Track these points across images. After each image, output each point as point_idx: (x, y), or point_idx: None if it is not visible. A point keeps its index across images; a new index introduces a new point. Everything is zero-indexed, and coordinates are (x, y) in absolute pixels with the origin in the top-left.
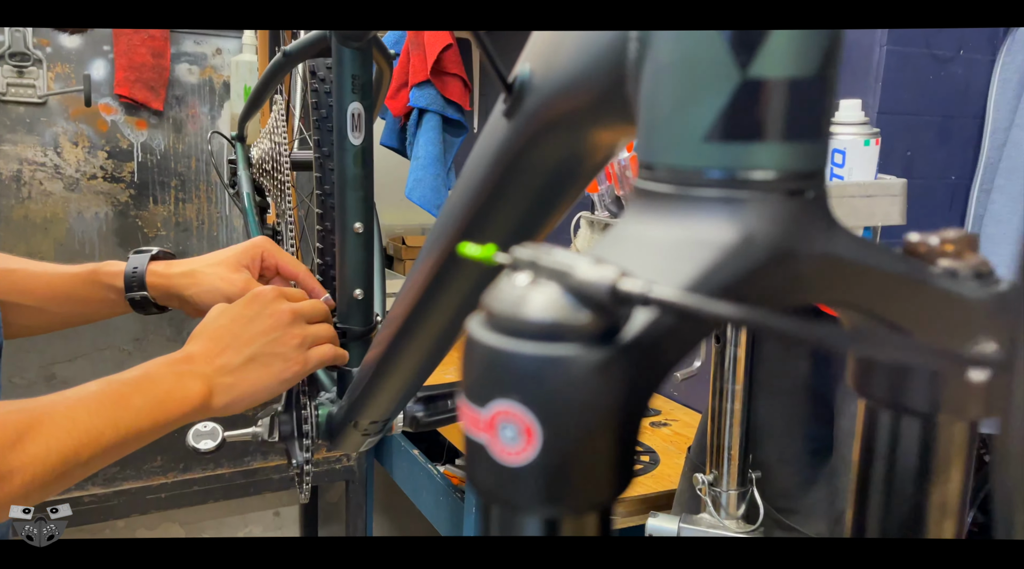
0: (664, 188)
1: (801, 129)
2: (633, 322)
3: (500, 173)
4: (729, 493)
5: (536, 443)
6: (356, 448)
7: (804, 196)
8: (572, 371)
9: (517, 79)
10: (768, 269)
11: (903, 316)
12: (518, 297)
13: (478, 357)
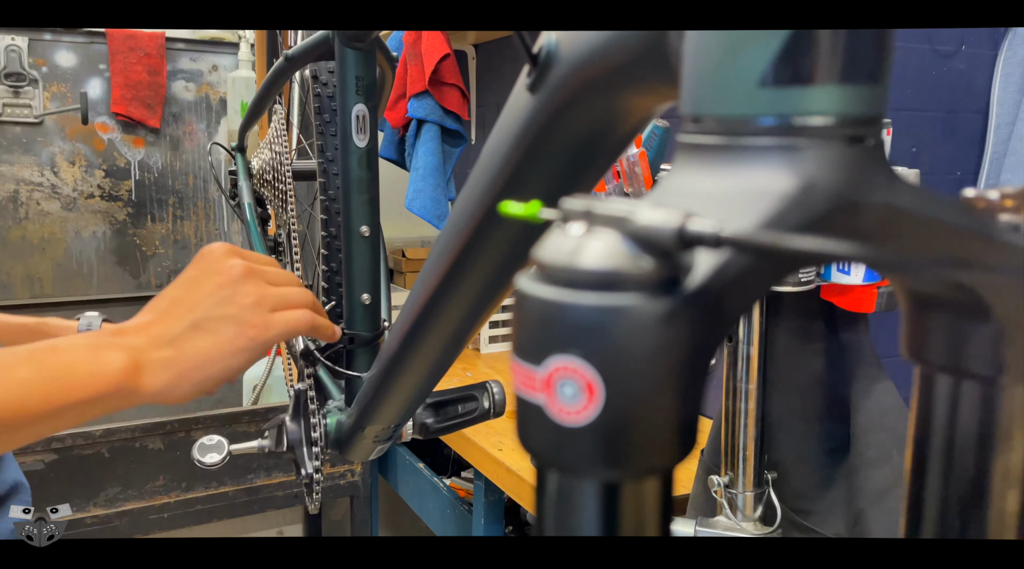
0: (714, 139)
1: (859, 72)
2: (697, 269)
3: (525, 150)
4: (745, 495)
5: (598, 400)
6: (366, 456)
7: (864, 143)
8: (636, 321)
9: (542, 50)
10: (829, 219)
11: (968, 273)
12: (574, 247)
13: (533, 312)
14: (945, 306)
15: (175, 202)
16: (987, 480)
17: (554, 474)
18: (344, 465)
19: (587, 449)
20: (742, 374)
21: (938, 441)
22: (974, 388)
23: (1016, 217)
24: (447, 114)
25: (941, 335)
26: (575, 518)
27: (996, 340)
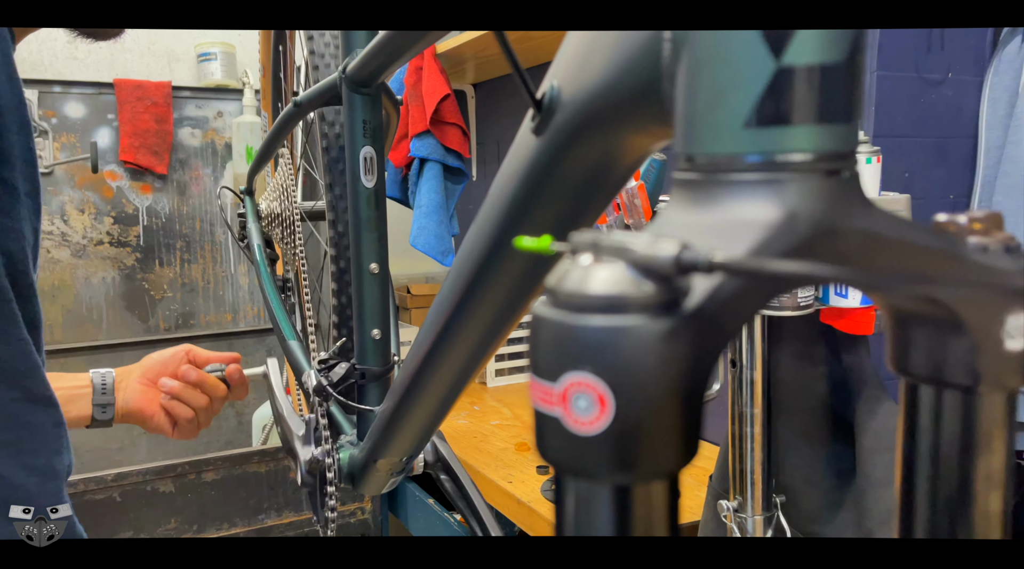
0: (705, 176)
1: (834, 112)
2: (694, 292)
3: (531, 188)
4: (755, 518)
5: (609, 411)
6: (379, 489)
7: (840, 175)
8: (641, 339)
9: (546, 95)
10: (812, 245)
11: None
12: (584, 275)
13: (549, 334)
14: (924, 322)
15: (183, 246)
16: (971, 482)
17: (571, 480)
18: (355, 502)
19: (600, 456)
20: (747, 399)
21: (924, 448)
22: (955, 397)
23: (984, 239)
24: (448, 152)
25: (922, 349)
26: (591, 520)
27: (971, 352)
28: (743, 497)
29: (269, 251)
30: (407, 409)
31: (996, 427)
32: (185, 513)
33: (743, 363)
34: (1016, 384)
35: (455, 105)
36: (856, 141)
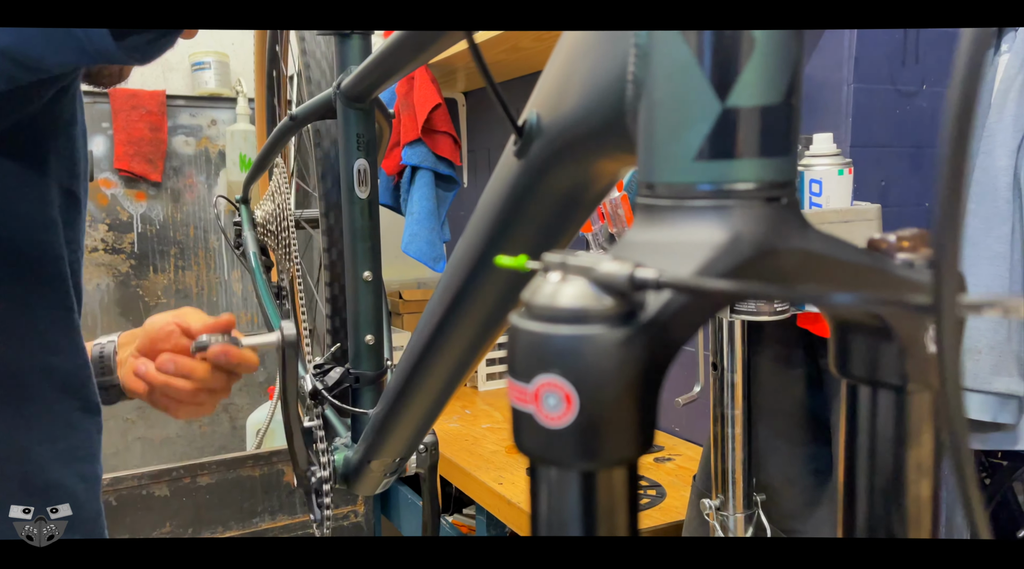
0: (663, 202)
1: (773, 146)
2: (648, 306)
3: (513, 206)
4: (736, 516)
5: (574, 407)
6: (374, 489)
7: (780, 202)
8: (601, 346)
9: (527, 123)
10: (754, 263)
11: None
12: (553, 290)
13: (523, 342)
14: (861, 329)
15: (177, 253)
16: (903, 472)
17: (543, 468)
18: (348, 506)
19: (568, 446)
20: (728, 401)
21: (863, 442)
22: (888, 396)
23: (911, 255)
24: (440, 160)
25: (860, 353)
26: (561, 503)
27: (900, 355)
28: (725, 496)
29: (264, 258)
30: (399, 412)
31: (924, 422)
32: (180, 517)
33: (724, 366)
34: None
35: (446, 114)
36: (795, 172)
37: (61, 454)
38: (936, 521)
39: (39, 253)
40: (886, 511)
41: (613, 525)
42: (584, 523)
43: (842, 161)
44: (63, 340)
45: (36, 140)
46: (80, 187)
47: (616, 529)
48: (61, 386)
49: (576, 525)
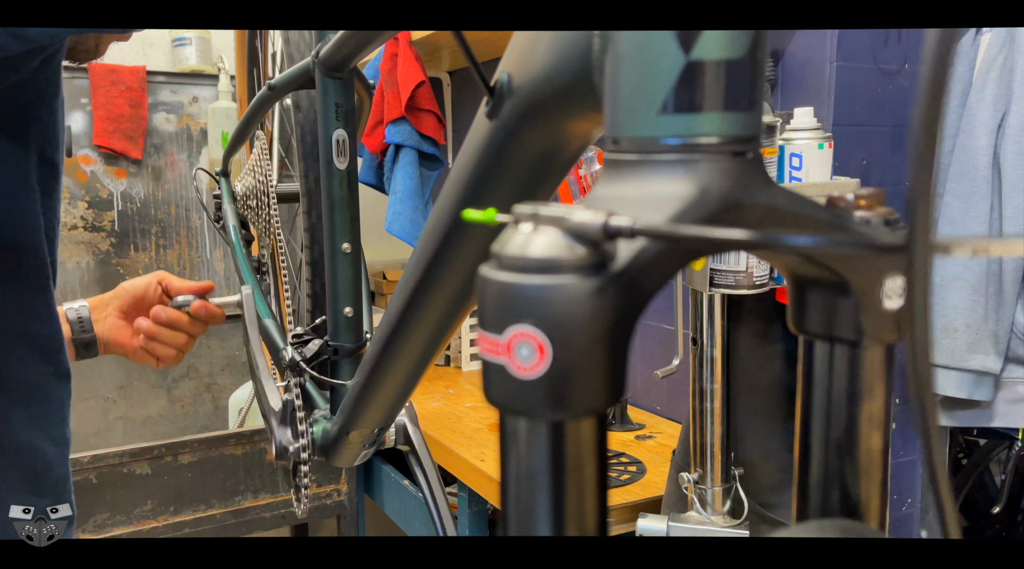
0: (629, 157)
1: (738, 101)
2: (619, 255)
3: (485, 169)
4: (714, 490)
5: (547, 357)
6: (352, 461)
7: (745, 157)
8: (574, 295)
9: (497, 83)
10: (720, 216)
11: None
12: (525, 241)
13: (496, 293)
14: (818, 285)
15: (158, 231)
16: (856, 425)
17: (512, 419)
18: (331, 484)
19: (539, 397)
20: (707, 375)
21: (819, 396)
22: (843, 351)
23: (867, 213)
24: (424, 139)
25: (816, 310)
26: (530, 453)
27: (856, 311)
28: (703, 470)
29: (244, 232)
30: (376, 382)
31: (877, 376)
32: (161, 495)
33: (704, 341)
34: (892, 338)
35: (430, 92)
36: (759, 127)
37: (35, 418)
38: (885, 472)
39: (19, 220)
40: (840, 462)
41: (582, 477)
42: (553, 475)
43: (822, 135)
44: (40, 306)
45: (20, 109)
46: (59, 157)
47: (584, 481)
48: (36, 352)
49: (545, 477)
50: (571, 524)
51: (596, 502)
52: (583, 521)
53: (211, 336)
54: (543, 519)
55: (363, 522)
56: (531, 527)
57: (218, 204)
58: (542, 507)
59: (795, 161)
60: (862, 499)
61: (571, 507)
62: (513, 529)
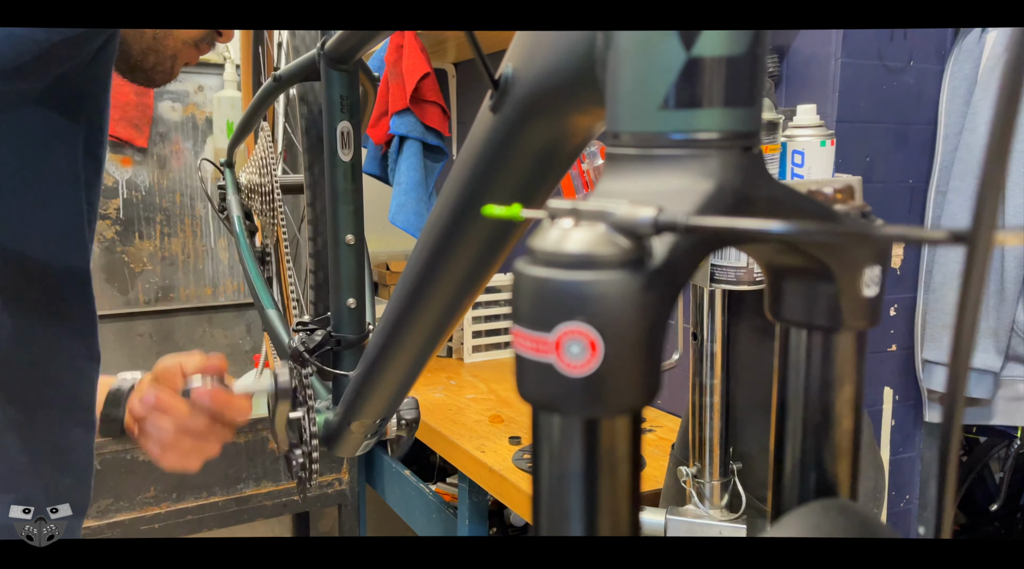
0: (630, 151)
1: (738, 97)
2: (657, 250)
3: (489, 162)
4: (712, 484)
5: (599, 355)
6: (354, 451)
7: (752, 151)
8: (625, 291)
9: (502, 77)
10: (734, 210)
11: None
12: (570, 237)
13: (541, 290)
14: (797, 274)
15: (163, 220)
16: (832, 407)
17: (550, 418)
18: (332, 474)
19: (585, 395)
20: (707, 370)
21: (796, 380)
22: (819, 337)
23: (845, 205)
24: (428, 130)
25: (795, 298)
26: (569, 451)
27: (835, 298)
28: (702, 463)
29: (248, 223)
30: (378, 373)
31: (850, 361)
32: (164, 481)
33: (704, 336)
34: (865, 325)
35: (435, 83)
36: (759, 123)
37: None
38: (857, 453)
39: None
40: (816, 444)
41: (616, 478)
42: (587, 473)
43: (824, 132)
44: (74, 288)
45: (73, 98)
46: (102, 153)
47: (618, 480)
48: (72, 332)
49: (579, 476)
50: (605, 523)
51: (630, 500)
52: (617, 519)
53: (214, 325)
54: (576, 517)
55: (364, 512)
56: (564, 526)
57: (222, 194)
58: (576, 506)
59: (797, 158)
60: (839, 478)
61: (605, 508)
62: (545, 529)
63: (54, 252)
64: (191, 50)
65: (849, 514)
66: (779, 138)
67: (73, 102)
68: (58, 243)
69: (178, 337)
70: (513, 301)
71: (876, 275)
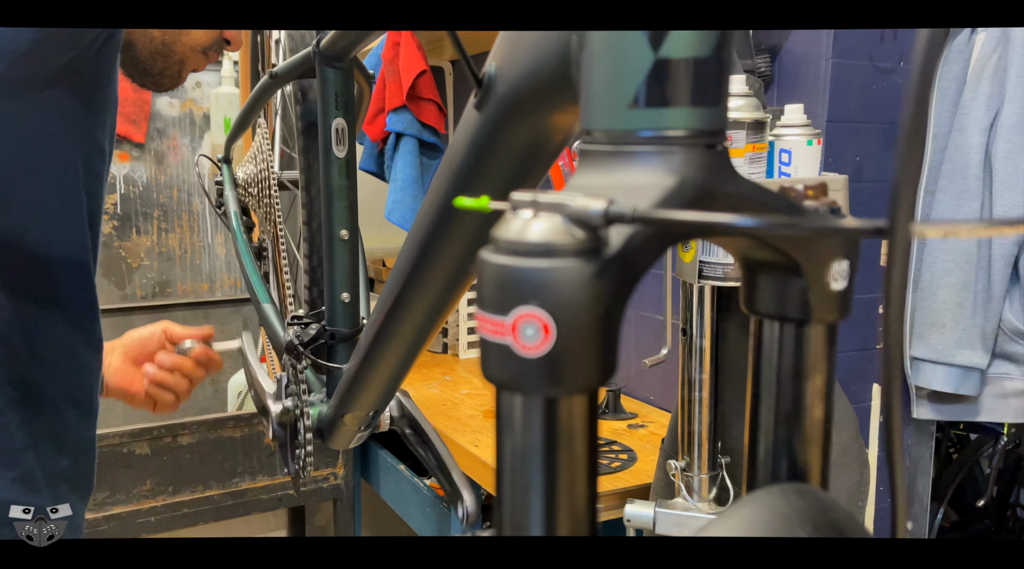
0: (603, 147)
1: (705, 97)
2: (612, 240)
3: (474, 158)
4: (701, 477)
5: (552, 337)
6: (347, 443)
7: (716, 149)
8: (577, 277)
9: (485, 75)
10: (696, 205)
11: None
12: (529, 227)
13: (499, 276)
14: (770, 269)
15: (160, 215)
16: (803, 397)
17: (508, 396)
18: (327, 468)
19: (540, 374)
20: (696, 365)
21: (769, 371)
22: (791, 330)
23: (815, 202)
24: (424, 127)
25: (767, 291)
26: (527, 428)
27: (804, 292)
28: (691, 457)
29: (245, 218)
30: (370, 365)
31: (820, 353)
32: (160, 475)
33: (693, 332)
34: (834, 318)
35: (431, 81)
36: (725, 122)
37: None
38: (827, 440)
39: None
40: (788, 432)
41: (573, 453)
42: (547, 448)
43: (811, 132)
44: (74, 274)
45: (79, 88)
46: (108, 144)
47: (575, 457)
48: (69, 317)
49: (539, 450)
50: (563, 499)
51: (587, 476)
52: (574, 495)
53: (211, 320)
54: (536, 492)
55: (359, 506)
56: (524, 499)
57: (220, 190)
58: (536, 480)
59: (784, 157)
60: (809, 465)
61: (563, 481)
62: (507, 503)
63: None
64: (199, 57)
65: (808, 497)
66: (767, 137)
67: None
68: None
69: None
70: (477, 287)
71: (844, 269)
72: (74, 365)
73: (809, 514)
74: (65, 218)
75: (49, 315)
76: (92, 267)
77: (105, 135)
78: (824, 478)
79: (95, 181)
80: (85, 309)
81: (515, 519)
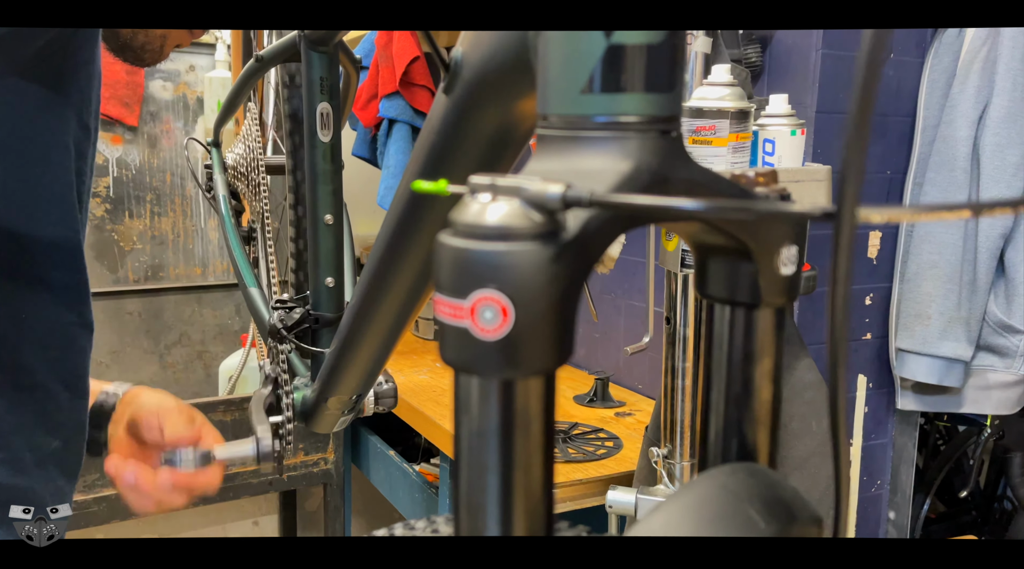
0: (558, 132)
1: (658, 83)
2: (570, 224)
3: (443, 143)
4: (682, 464)
5: (510, 320)
6: (331, 427)
7: (670, 135)
8: (535, 261)
9: (453, 60)
10: (651, 190)
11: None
12: (487, 210)
13: (457, 259)
14: (721, 253)
15: (153, 199)
16: (752, 378)
17: (467, 379)
18: (318, 453)
19: (498, 357)
20: (679, 354)
21: (719, 353)
22: (741, 313)
23: (766, 189)
24: (417, 114)
25: (718, 276)
26: (484, 410)
27: (754, 276)
28: (673, 445)
29: (235, 202)
30: (351, 349)
31: (769, 336)
32: None
33: (676, 320)
34: (783, 301)
35: (425, 67)
36: (680, 108)
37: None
38: (776, 421)
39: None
40: (738, 412)
41: (529, 434)
42: (503, 430)
43: (795, 122)
44: (65, 255)
45: (60, 73)
46: (93, 123)
47: (531, 437)
48: (59, 298)
49: (496, 433)
50: (519, 480)
51: (543, 457)
52: (531, 476)
53: (204, 305)
54: (493, 473)
55: (349, 491)
56: (481, 480)
57: (209, 174)
58: (492, 462)
59: (768, 146)
60: (758, 445)
61: (520, 462)
62: (464, 484)
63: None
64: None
65: (757, 475)
66: (751, 127)
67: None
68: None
69: (167, 316)
70: (435, 270)
71: (793, 254)
72: (65, 347)
73: (758, 492)
74: (55, 199)
75: (39, 296)
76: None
77: (91, 113)
78: (772, 457)
79: (81, 159)
80: (78, 291)
81: (472, 501)
